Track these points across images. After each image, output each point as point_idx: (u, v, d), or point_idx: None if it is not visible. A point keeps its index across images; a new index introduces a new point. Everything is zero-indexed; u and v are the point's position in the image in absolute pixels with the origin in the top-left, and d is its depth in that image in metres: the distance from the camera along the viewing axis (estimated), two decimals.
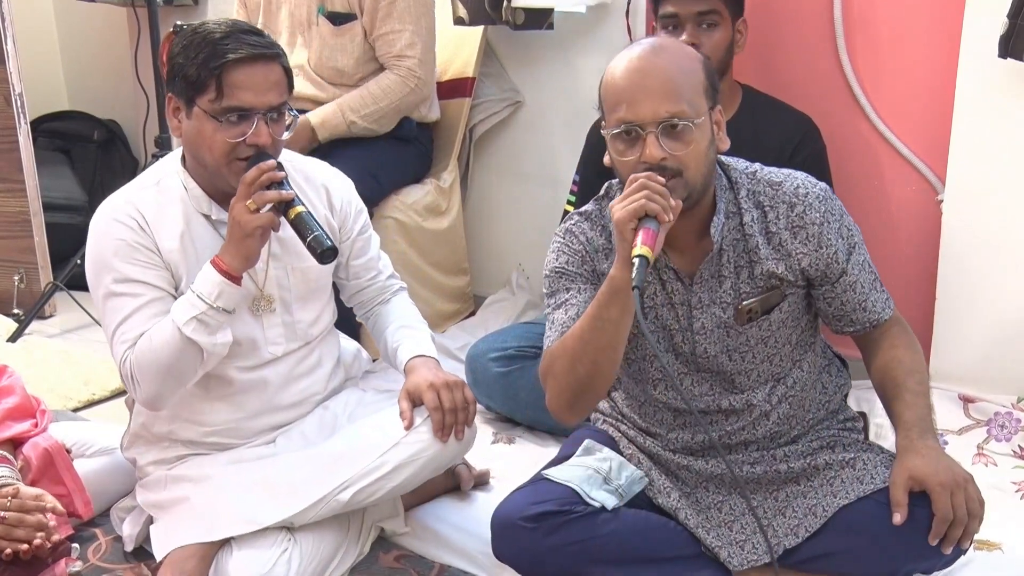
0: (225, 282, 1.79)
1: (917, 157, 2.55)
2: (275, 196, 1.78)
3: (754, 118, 2.48)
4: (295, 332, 2.00)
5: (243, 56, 1.78)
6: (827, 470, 1.80)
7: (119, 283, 1.85)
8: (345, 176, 2.13)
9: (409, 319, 2.15)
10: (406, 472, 1.95)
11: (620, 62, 1.69)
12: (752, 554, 1.78)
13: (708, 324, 1.80)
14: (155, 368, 1.82)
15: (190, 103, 1.82)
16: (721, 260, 1.77)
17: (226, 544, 1.87)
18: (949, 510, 1.63)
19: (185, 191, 1.91)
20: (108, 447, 2.17)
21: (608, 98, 1.70)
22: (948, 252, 2.47)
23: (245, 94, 1.79)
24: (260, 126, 1.81)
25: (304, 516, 1.89)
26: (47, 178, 3.61)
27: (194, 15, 3.76)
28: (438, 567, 2.02)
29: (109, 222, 1.88)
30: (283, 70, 1.85)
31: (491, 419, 2.60)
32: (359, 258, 2.12)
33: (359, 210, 2.11)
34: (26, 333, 3.20)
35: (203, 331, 1.79)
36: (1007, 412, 2.39)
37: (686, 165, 1.66)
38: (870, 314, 1.80)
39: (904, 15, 2.51)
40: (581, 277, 1.83)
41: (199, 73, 1.78)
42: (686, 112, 1.64)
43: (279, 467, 1.93)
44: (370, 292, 2.17)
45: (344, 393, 2.13)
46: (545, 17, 2.90)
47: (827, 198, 1.77)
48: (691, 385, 1.86)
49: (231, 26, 1.82)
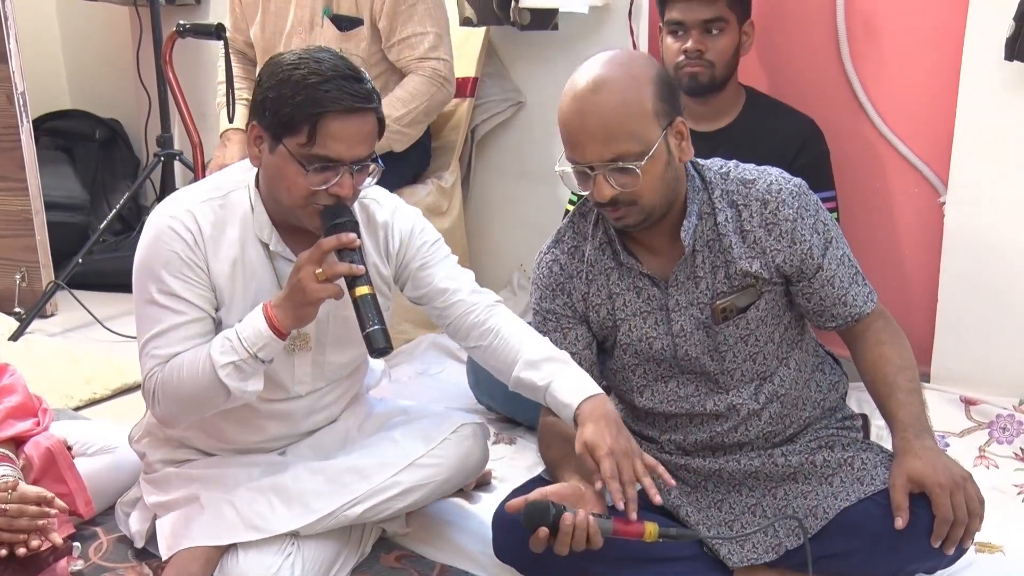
0: (272, 336, 1.73)
1: (920, 159, 2.55)
2: (346, 270, 1.69)
3: (757, 120, 2.48)
4: (323, 372, 1.96)
5: (342, 109, 1.69)
6: (825, 468, 1.80)
7: (162, 295, 1.79)
8: (412, 209, 1.99)
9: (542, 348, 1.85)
10: (417, 494, 1.96)
11: (564, 97, 1.71)
12: (752, 552, 1.78)
13: (687, 326, 1.81)
14: (179, 395, 1.79)
15: (276, 139, 1.73)
16: (696, 261, 1.78)
17: (231, 547, 1.86)
18: (949, 511, 1.63)
19: (251, 211, 1.84)
20: (109, 446, 2.16)
21: (562, 136, 1.73)
22: (950, 254, 2.47)
23: (337, 145, 1.70)
24: (345, 178, 1.72)
25: (311, 528, 1.88)
26: (49, 177, 3.61)
27: (196, 15, 3.76)
28: (439, 567, 2.02)
29: (165, 230, 1.80)
30: (376, 120, 1.76)
31: (492, 419, 2.59)
32: (419, 289, 1.96)
33: (419, 245, 1.94)
34: (27, 332, 3.20)
35: (237, 376, 1.75)
36: (1009, 414, 2.39)
37: (639, 195, 1.69)
38: (851, 308, 1.80)
39: (907, 17, 2.51)
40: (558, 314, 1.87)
41: (294, 115, 1.69)
42: (630, 152, 1.66)
43: (291, 476, 1.91)
44: (453, 313, 1.93)
45: (356, 405, 2.11)
46: (551, 18, 2.90)
47: (801, 194, 1.76)
48: (676, 388, 1.86)
49: (334, 70, 1.70)
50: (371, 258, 1.91)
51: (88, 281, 3.40)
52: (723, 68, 2.40)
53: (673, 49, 2.41)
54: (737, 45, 2.41)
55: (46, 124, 4.09)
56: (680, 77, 2.42)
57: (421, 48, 2.83)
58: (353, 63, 1.76)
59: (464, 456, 2.04)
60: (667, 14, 2.42)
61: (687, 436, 1.87)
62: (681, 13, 2.38)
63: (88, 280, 3.40)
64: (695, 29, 2.37)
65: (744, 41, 2.44)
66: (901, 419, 1.73)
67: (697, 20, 2.36)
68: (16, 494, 1.82)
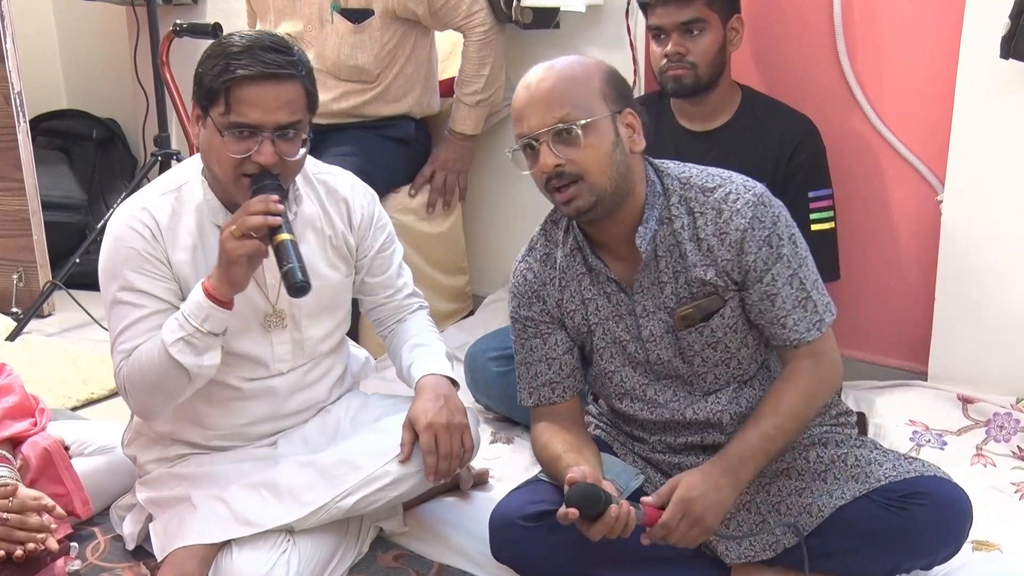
0: (212, 306, 1.76)
1: (917, 158, 2.55)
2: (260, 221, 1.71)
3: (753, 119, 2.48)
4: (303, 349, 1.99)
5: (252, 74, 1.74)
6: (818, 464, 1.79)
7: (125, 291, 1.84)
8: (368, 188, 2.09)
9: (424, 337, 2.10)
10: (409, 483, 1.95)
11: (518, 86, 1.76)
12: (749, 550, 1.79)
13: (656, 331, 1.81)
14: (144, 383, 1.82)
15: (205, 113, 1.79)
16: (659, 267, 1.78)
17: (226, 545, 1.86)
18: (673, 522, 1.65)
19: (204, 199, 1.89)
20: (107, 446, 2.16)
21: (512, 120, 1.77)
22: (947, 253, 2.47)
23: (252, 112, 1.75)
24: (265, 145, 1.76)
25: (305, 522, 1.89)
26: (46, 177, 3.61)
27: (193, 14, 3.75)
28: (437, 567, 2.02)
29: (124, 228, 1.86)
30: (302, 88, 1.80)
31: (490, 419, 2.60)
32: (376, 276, 2.09)
33: (380, 225, 2.07)
34: (25, 332, 3.20)
35: (190, 352, 1.77)
36: (1006, 413, 2.39)
37: (585, 169, 1.69)
38: (790, 332, 1.75)
39: (904, 16, 2.51)
40: (536, 321, 1.88)
41: (211, 85, 1.76)
42: (572, 115, 1.68)
43: (282, 470, 1.92)
44: (387, 310, 2.14)
45: (347, 397, 2.12)
46: (553, 17, 2.91)
47: (759, 204, 1.74)
48: (654, 395, 1.86)
49: (253, 41, 1.77)
50: (337, 226, 1.99)
51: (85, 281, 3.37)
52: (707, 68, 2.39)
53: (657, 54, 2.42)
54: (722, 43, 2.40)
55: (43, 124, 4.09)
56: (665, 81, 2.42)
57: (462, 9, 2.87)
58: (284, 39, 1.82)
59: None
60: (649, 19, 2.42)
61: (676, 438, 1.87)
62: (659, 18, 2.38)
63: (85, 280, 3.37)
64: (675, 32, 2.37)
65: (732, 38, 2.43)
66: (729, 451, 1.71)
67: (675, 23, 2.36)
68: (16, 502, 1.82)
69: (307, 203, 1.96)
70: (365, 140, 2.91)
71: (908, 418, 2.44)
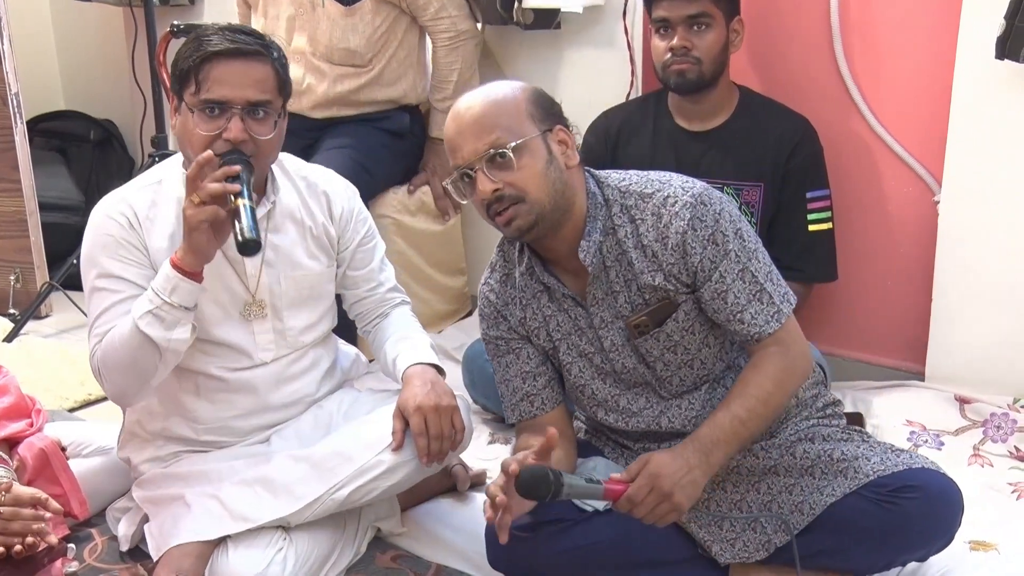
0: (179, 277, 1.76)
1: (914, 158, 2.56)
2: (217, 189, 1.72)
3: (751, 119, 2.49)
4: (285, 339, 2.00)
5: (222, 49, 1.78)
6: (804, 460, 1.79)
7: (102, 278, 1.87)
8: (349, 184, 2.12)
9: (407, 330, 2.11)
10: (402, 472, 1.95)
11: (447, 118, 1.77)
12: (743, 551, 1.78)
13: (617, 340, 1.81)
14: (115, 363, 1.83)
15: (180, 98, 1.83)
16: (609, 277, 1.78)
17: (222, 543, 1.86)
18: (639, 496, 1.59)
19: (183, 191, 1.89)
20: (104, 447, 2.16)
21: (447, 152, 1.78)
22: (944, 253, 2.47)
23: (222, 88, 1.78)
24: (235, 121, 1.79)
25: (300, 515, 1.89)
26: (43, 178, 3.61)
27: (191, 15, 3.75)
28: (434, 567, 2.02)
29: (102, 218, 1.89)
30: (272, 70, 1.84)
31: (488, 419, 2.59)
32: (358, 269, 2.10)
33: (362, 219, 2.09)
34: (22, 333, 3.20)
35: (158, 325, 1.78)
36: (1003, 413, 2.39)
37: (524, 190, 1.70)
38: (748, 327, 1.74)
39: (901, 17, 2.51)
40: (506, 339, 1.89)
41: (184, 66, 1.81)
42: (501, 139, 1.69)
43: (275, 466, 1.93)
44: (368, 304, 2.15)
45: (339, 392, 2.13)
46: (553, 17, 2.91)
47: (697, 204, 1.72)
48: (627, 404, 1.86)
49: (225, 26, 1.84)
50: (318, 217, 2.01)
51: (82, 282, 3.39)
52: (711, 64, 2.39)
53: (660, 48, 2.41)
54: (725, 42, 2.41)
55: (40, 125, 4.09)
56: (668, 76, 2.42)
57: (430, 10, 2.89)
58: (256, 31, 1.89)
59: None
60: (654, 12, 2.42)
61: (659, 444, 1.87)
62: (666, 10, 2.38)
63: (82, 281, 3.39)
64: (680, 25, 2.37)
65: (733, 38, 2.43)
66: (700, 433, 1.68)
67: (682, 16, 2.36)
68: (10, 496, 1.82)
69: (286, 194, 1.98)
70: (360, 133, 2.92)
71: (905, 418, 2.45)
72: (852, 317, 2.66)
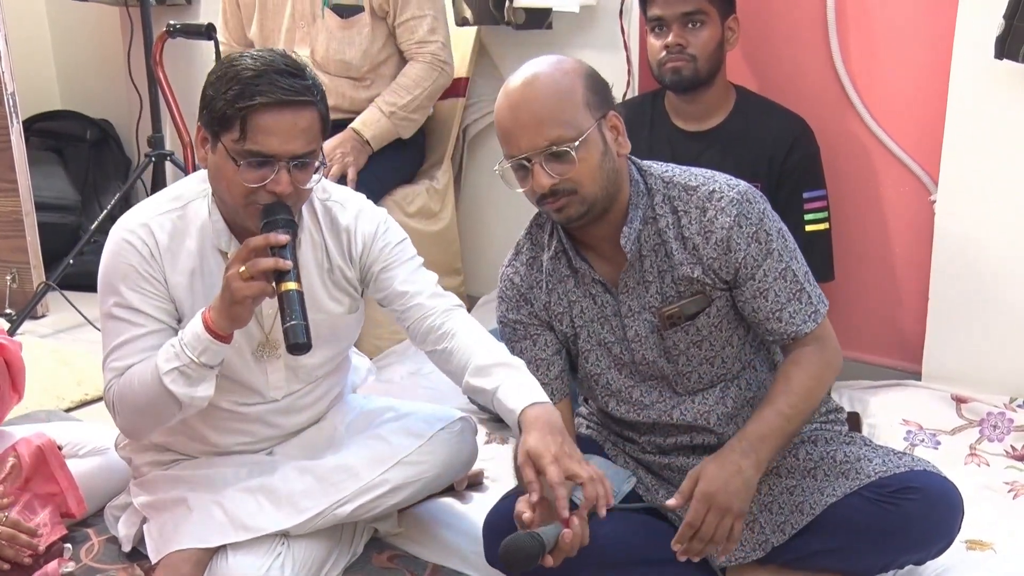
0: (211, 339, 1.70)
1: (910, 157, 2.56)
2: (270, 265, 1.65)
3: (748, 119, 2.49)
4: (297, 375, 1.95)
5: (271, 101, 1.66)
6: (807, 462, 1.80)
7: (120, 308, 1.80)
8: (377, 212, 1.97)
9: (494, 353, 1.83)
10: (406, 491, 1.95)
11: (500, 99, 1.73)
12: (739, 552, 1.79)
13: (641, 331, 1.81)
14: (134, 405, 1.79)
15: (216, 137, 1.72)
16: (644, 266, 1.78)
17: (221, 548, 1.86)
18: (698, 520, 1.64)
19: (209, 220, 1.84)
20: (101, 447, 2.16)
21: (498, 135, 1.74)
22: (941, 252, 2.47)
23: (269, 140, 1.67)
24: (281, 174, 1.69)
25: (301, 528, 1.88)
26: (39, 178, 3.61)
27: (187, 15, 3.75)
28: (431, 567, 2.02)
29: (122, 243, 1.81)
30: (318, 115, 1.72)
31: (485, 419, 2.59)
32: (382, 291, 1.95)
33: (383, 246, 1.93)
34: (18, 333, 3.19)
35: (183, 383, 1.73)
36: (1000, 412, 2.40)
37: (579, 183, 1.69)
38: (787, 326, 1.75)
39: (897, 16, 2.51)
40: (524, 323, 1.87)
41: (225, 111, 1.68)
42: (563, 136, 1.66)
43: (279, 476, 1.91)
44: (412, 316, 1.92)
45: (343, 403, 2.11)
46: (545, 17, 2.92)
47: (743, 201, 1.73)
48: (640, 397, 1.86)
49: (267, 63, 1.69)
50: (336, 261, 1.91)
51: (79, 282, 3.38)
52: (706, 62, 2.40)
53: (656, 46, 2.42)
54: (720, 40, 2.41)
55: (36, 125, 4.08)
56: (664, 74, 2.42)
57: (420, 32, 2.87)
58: (296, 61, 1.74)
59: (453, 452, 2.04)
60: (649, 11, 2.43)
61: (665, 439, 1.87)
62: (661, 8, 2.38)
63: (79, 281, 3.38)
64: (675, 23, 2.37)
65: (728, 37, 2.43)
66: (746, 430, 1.70)
67: (677, 14, 2.37)
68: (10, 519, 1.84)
69: (309, 233, 1.89)
70: None
71: (902, 418, 2.45)
72: (849, 317, 2.66)
